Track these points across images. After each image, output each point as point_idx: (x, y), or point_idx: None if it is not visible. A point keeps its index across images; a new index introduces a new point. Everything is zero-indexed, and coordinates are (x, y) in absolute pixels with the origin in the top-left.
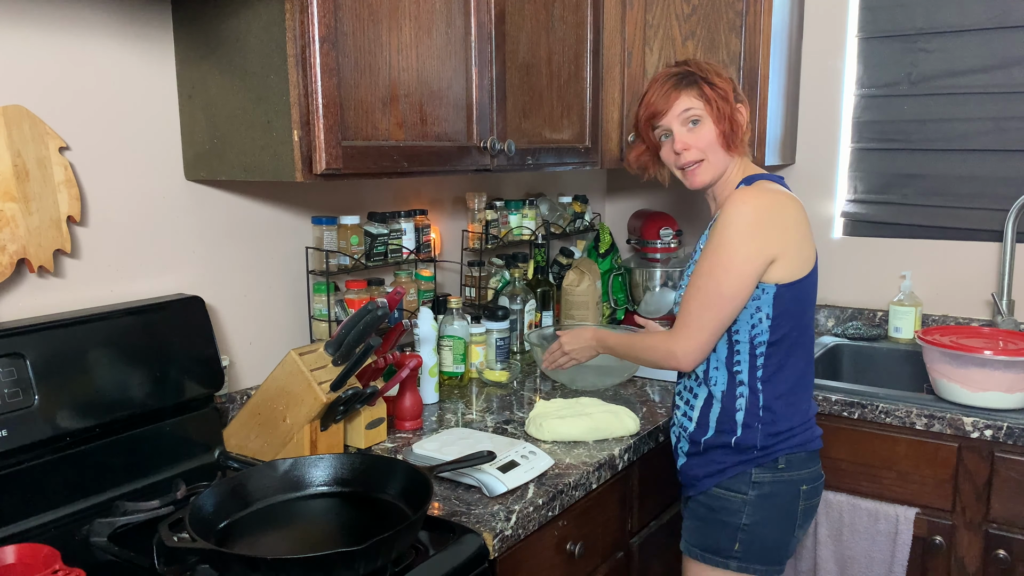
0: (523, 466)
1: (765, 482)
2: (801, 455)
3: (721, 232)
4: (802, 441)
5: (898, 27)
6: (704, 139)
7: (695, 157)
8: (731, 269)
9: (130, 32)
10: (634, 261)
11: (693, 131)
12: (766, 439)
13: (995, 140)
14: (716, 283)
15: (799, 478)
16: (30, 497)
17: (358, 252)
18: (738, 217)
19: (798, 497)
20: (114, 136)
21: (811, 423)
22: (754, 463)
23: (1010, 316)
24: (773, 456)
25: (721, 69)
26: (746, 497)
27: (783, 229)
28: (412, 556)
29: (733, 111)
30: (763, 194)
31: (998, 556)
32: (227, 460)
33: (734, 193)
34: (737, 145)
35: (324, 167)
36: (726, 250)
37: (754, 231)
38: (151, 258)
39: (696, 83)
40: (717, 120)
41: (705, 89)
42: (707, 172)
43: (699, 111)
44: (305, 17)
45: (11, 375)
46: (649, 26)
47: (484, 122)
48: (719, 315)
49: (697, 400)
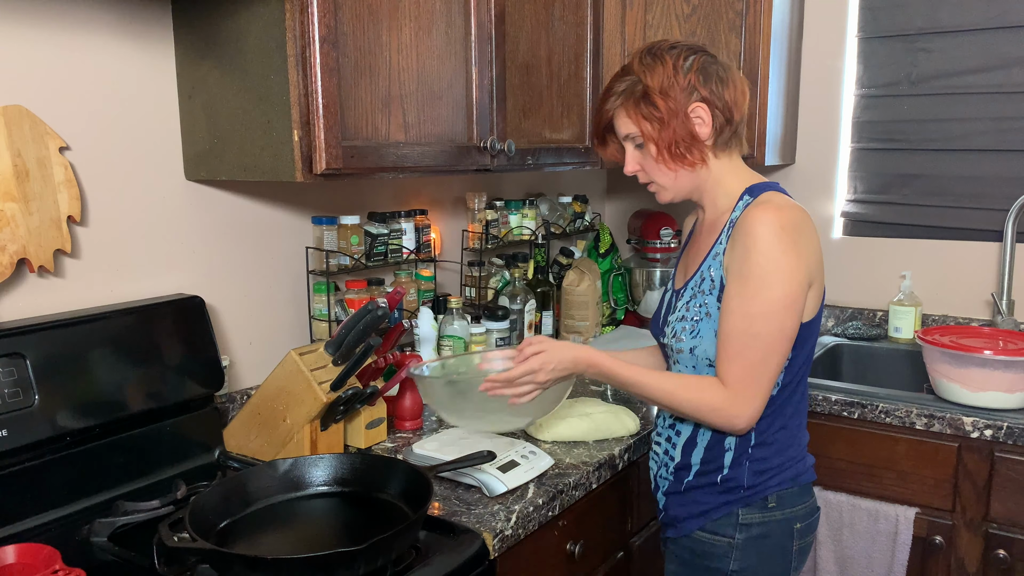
0: (523, 466)
1: (754, 523)
2: (793, 490)
3: (752, 265)
4: (793, 475)
5: (898, 27)
6: (652, 163)
7: (646, 180)
8: (782, 301)
9: (130, 32)
10: (634, 261)
11: (641, 152)
12: (754, 477)
13: (995, 140)
14: (775, 324)
15: (792, 516)
16: (30, 497)
17: (358, 252)
18: (769, 242)
19: (792, 537)
20: (114, 136)
21: (802, 454)
22: (741, 503)
23: (1010, 316)
24: (762, 494)
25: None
26: (733, 540)
27: (809, 247)
28: (412, 556)
29: (684, 122)
30: (784, 211)
31: (998, 556)
32: (227, 460)
33: (750, 216)
34: (701, 156)
35: (324, 167)
36: (765, 286)
37: (789, 250)
38: (151, 258)
39: (633, 100)
40: (666, 142)
41: (642, 108)
42: (667, 194)
43: (638, 136)
44: (305, 17)
45: (11, 375)
46: (649, 26)
47: (484, 122)
48: (781, 361)
49: (680, 437)
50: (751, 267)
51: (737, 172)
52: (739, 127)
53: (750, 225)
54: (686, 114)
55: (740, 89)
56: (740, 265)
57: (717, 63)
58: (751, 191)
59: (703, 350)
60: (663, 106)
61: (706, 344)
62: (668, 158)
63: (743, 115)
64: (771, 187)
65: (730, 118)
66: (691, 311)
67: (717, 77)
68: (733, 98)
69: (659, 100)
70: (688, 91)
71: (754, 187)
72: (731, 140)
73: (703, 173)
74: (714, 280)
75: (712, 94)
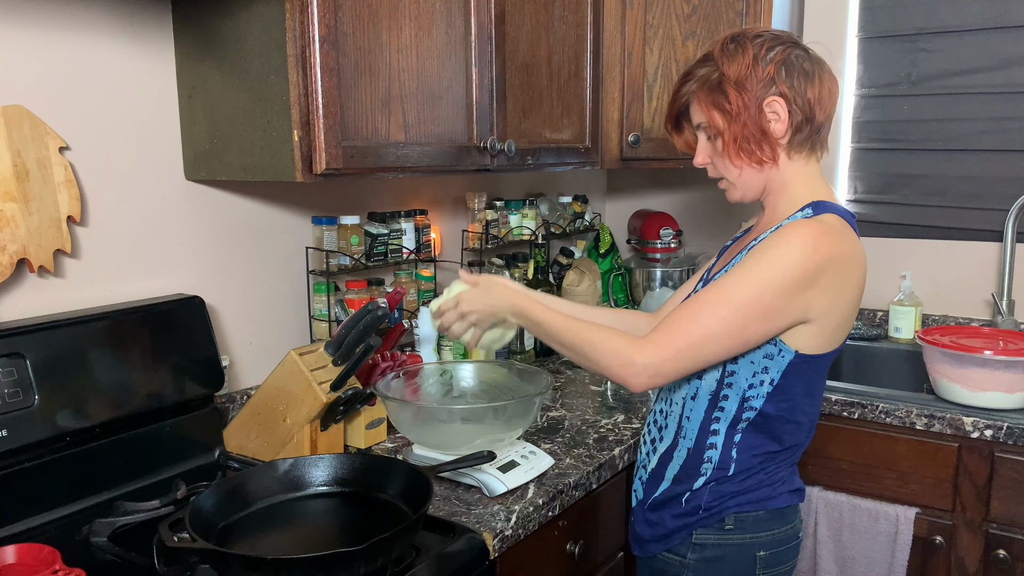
0: (523, 466)
1: (708, 544)
2: (758, 515)
3: (761, 260)
4: (758, 498)
5: (898, 27)
6: (720, 157)
7: (715, 175)
8: (748, 303)
9: (130, 32)
10: (634, 261)
11: (712, 144)
12: (711, 496)
13: (995, 140)
14: (723, 305)
15: (754, 542)
16: (30, 497)
17: (358, 252)
18: (789, 256)
19: (754, 565)
20: (114, 136)
21: (775, 478)
22: (698, 523)
23: (1010, 316)
24: (719, 515)
25: (747, 52)
26: (685, 560)
27: (837, 292)
28: (412, 556)
29: (756, 116)
30: (830, 237)
31: (998, 556)
32: (227, 460)
33: (795, 224)
34: (772, 154)
35: (324, 167)
36: (755, 281)
37: (800, 279)
38: (151, 258)
39: (708, 88)
40: (733, 135)
41: (715, 97)
42: (735, 192)
43: (708, 126)
44: (305, 17)
45: (11, 375)
46: (649, 26)
47: (484, 122)
48: (703, 341)
49: (662, 444)
50: (754, 258)
51: (809, 180)
52: (822, 129)
53: (786, 229)
54: (760, 108)
55: (827, 87)
56: (750, 253)
57: (808, 57)
58: (816, 206)
59: None
60: (735, 98)
61: None
62: (735, 152)
63: (828, 116)
64: (838, 211)
65: (810, 117)
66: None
67: (801, 71)
68: (817, 96)
69: (732, 91)
70: (767, 83)
71: (821, 203)
72: (809, 142)
73: (772, 173)
74: None
75: (792, 89)
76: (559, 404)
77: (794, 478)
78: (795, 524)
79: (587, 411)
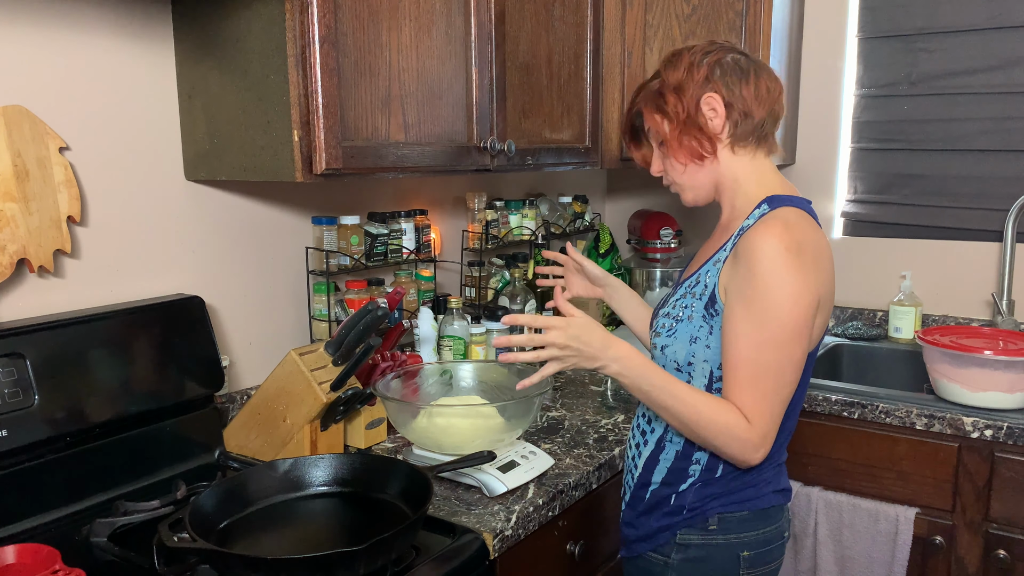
0: (523, 466)
1: (692, 544)
2: (742, 515)
3: (759, 284)
4: (743, 498)
5: (898, 27)
6: (669, 160)
7: (668, 182)
8: (791, 327)
9: (130, 32)
10: (634, 261)
11: (662, 151)
12: (696, 496)
13: (995, 140)
14: (784, 353)
15: (737, 543)
16: (30, 497)
17: (358, 252)
18: (774, 263)
19: (738, 565)
20: (114, 136)
21: (761, 479)
22: (683, 523)
23: (1010, 316)
24: (703, 515)
25: (683, 59)
26: (669, 561)
27: (821, 277)
28: (412, 556)
29: (694, 114)
30: (793, 230)
31: (998, 556)
32: (227, 460)
33: (758, 231)
34: (712, 148)
35: (324, 167)
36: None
37: (795, 273)
38: (151, 258)
39: (651, 96)
40: (674, 134)
41: (658, 102)
42: (688, 194)
43: (655, 133)
44: (305, 17)
45: (11, 375)
46: (649, 26)
47: (484, 122)
48: (791, 392)
49: (646, 448)
50: (755, 290)
51: (761, 175)
52: (764, 124)
53: (753, 243)
54: (697, 106)
55: (765, 85)
56: (743, 286)
57: (747, 59)
58: (771, 201)
59: (673, 351)
60: (673, 101)
61: (677, 347)
62: (677, 148)
63: (769, 114)
64: (795, 202)
65: (748, 112)
66: (676, 309)
67: (736, 70)
68: (753, 93)
69: (671, 95)
70: (702, 84)
71: (776, 198)
72: (753, 137)
73: (716, 169)
74: (707, 286)
75: (727, 87)
76: (559, 404)
77: (780, 478)
78: (780, 524)
79: (587, 411)
